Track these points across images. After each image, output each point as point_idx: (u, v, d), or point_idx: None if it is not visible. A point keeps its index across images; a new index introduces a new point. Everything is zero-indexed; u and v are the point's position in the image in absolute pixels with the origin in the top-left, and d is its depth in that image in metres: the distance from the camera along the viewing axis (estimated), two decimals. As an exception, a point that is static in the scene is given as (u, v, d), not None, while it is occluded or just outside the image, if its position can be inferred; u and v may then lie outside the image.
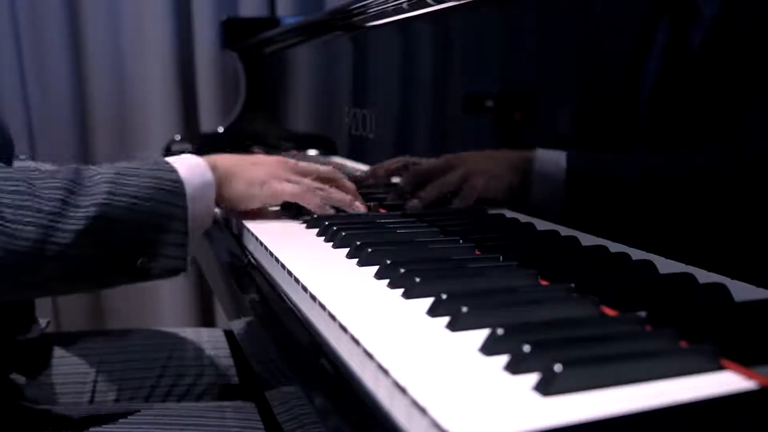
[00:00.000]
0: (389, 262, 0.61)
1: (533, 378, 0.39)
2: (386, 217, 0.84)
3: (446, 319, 0.49)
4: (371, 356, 0.44)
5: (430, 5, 0.90)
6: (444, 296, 0.51)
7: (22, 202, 0.64)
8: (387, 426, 0.40)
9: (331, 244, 0.74)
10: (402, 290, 0.56)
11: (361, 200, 0.89)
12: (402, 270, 0.58)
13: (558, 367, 0.38)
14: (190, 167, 0.75)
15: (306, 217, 0.85)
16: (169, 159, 0.76)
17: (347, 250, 0.69)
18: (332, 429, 0.46)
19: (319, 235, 0.78)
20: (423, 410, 0.37)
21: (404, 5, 0.94)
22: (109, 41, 1.94)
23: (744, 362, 0.41)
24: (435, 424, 0.36)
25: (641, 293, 0.54)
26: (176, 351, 1.05)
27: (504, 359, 0.42)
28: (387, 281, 0.59)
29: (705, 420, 0.37)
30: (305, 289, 0.59)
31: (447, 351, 0.45)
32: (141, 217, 0.69)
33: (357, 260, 0.66)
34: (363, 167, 1.18)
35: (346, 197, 0.87)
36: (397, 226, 0.79)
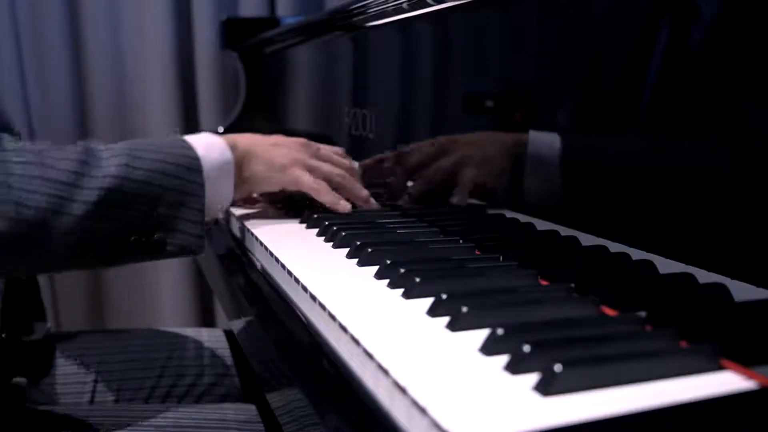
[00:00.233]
0: (389, 262, 0.61)
1: (533, 378, 0.39)
2: (386, 217, 0.84)
3: (446, 319, 0.49)
4: (371, 356, 0.44)
5: (430, 5, 0.90)
6: (444, 296, 0.51)
7: (32, 172, 0.63)
8: (387, 426, 0.41)
9: (331, 244, 0.74)
10: (402, 290, 0.56)
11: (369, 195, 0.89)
12: (402, 270, 0.59)
13: (558, 367, 0.38)
14: (208, 145, 0.74)
15: (306, 216, 0.85)
16: (187, 137, 0.75)
17: (347, 250, 0.69)
18: (332, 429, 0.46)
19: (319, 235, 0.78)
20: (423, 410, 0.37)
21: (404, 5, 0.94)
22: (109, 41, 1.94)
23: (744, 362, 0.41)
24: (435, 424, 0.36)
25: (641, 293, 0.54)
26: (176, 351, 1.05)
27: (504, 359, 0.42)
28: (387, 281, 0.59)
29: (705, 420, 0.37)
30: (305, 289, 0.59)
31: (447, 351, 0.45)
32: (156, 191, 0.68)
33: (357, 260, 0.66)
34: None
35: (363, 193, 0.87)
36: (397, 226, 0.79)
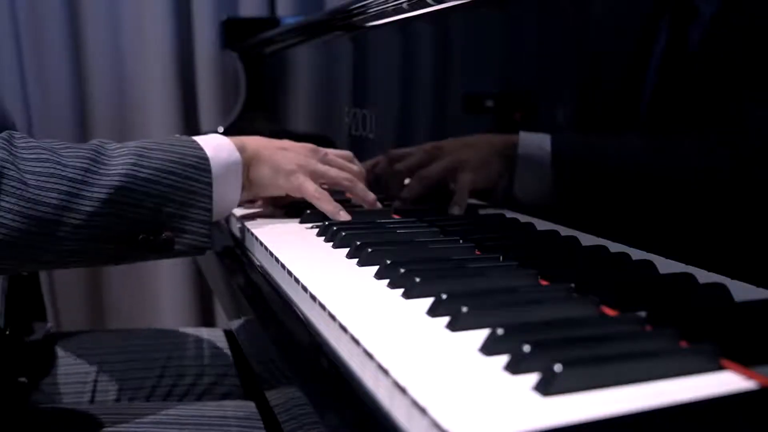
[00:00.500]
0: (389, 262, 0.61)
1: (533, 378, 0.39)
2: (386, 217, 0.84)
3: (446, 319, 0.49)
4: (371, 356, 0.44)
5: (430, 5, 0.90)
6: (444, 296, 0.51)
7: (46, 169, 0.64)
8: (387, 426, 0.41)
9: (331, 244, 0.74)
10: (402, 290, 0.56)
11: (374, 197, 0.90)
12: (402, 270, 0.59)
13: (558, 367, 0.38)
14: (217, 146, 0.75)
15: (306, 216, 0.85)
16: (196, 138, 0.76)
17: (347, 250, 0.69)
18: (332, 429, 0.46)
19: (319, 235, 0.78)
20: (423, 410, 0.37)
21: (404, 5, 0.94)
22: (109, 41, 1.94)
23: (744, 362, 0.41)
24: (435, 424, 0.36)
25: (641, 293, 0.54)
26: (176, 351, 1.05)
27: (504, 359, 0.42)
28: (387, 281, 0.59)
29: (705, 420, 0.37)
30: (305, 289, 0.59)
31: (447, 351, 0.45)
32: (164, 190, 0.69)
33: (357, 260, 0.66)
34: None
35: (370, 197, 0.88)
36: (397, 226, 0.79)
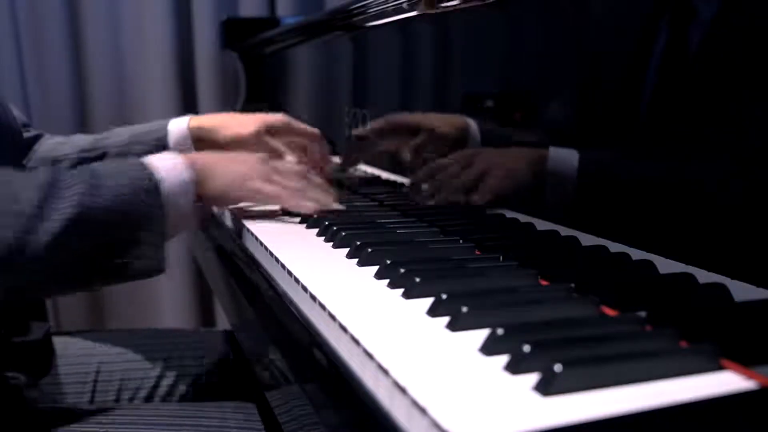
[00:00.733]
0: (389, 262, 0.61)
1: (533, 378, 0.39)
2: (386, 217, 0.84)
3: (446, 319, 0.49)
4: (371, 356, 0.44)
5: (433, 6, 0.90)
6: (444, 296, 0.51)
7: (2, 206, 0.64)
8: (387, 426, 0.40)
9: (331, 244, 0.74)
10: (402, 290, 0.56)
11: (337, 199, 0.89)
12: (402, 270, 0.59)
13: (558, 367, 0.38)
14: (169, 167, 0.74)
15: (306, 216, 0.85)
16: (147, 158, 0.75)
17: (347, 250, 0.69)
18: (332, 429, 0.46)
19: (319, 235, 0.78)
20: (423, 410, 0.37)
21: (404, 5, 0.94)
22: (109, 41, 1.95)
23: (744, 362, 0.41)
24: (435, 424, 0.36)
25: (641, 293, 0.54)
26: (176, 351, 1.05)
27: (504, 359, 0.42)
28: (387, 281, 0.59)
29: (705, 420, 0.37)
30: (305, 289, 0.59)
31: (447, 351, 0.45)
32: (117, 217, 0.69)
33: (357, 260, 0.66)
34: (363, 167, 1.18)
35: (328, 199, 0.87)
36: (397, 226, 0.79)
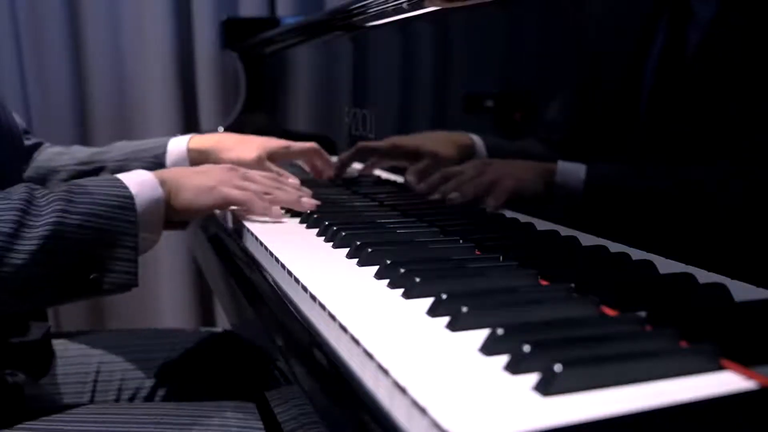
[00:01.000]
0: (389, 262, 0.61)
1: (533, 378, 0.39)
2: (386, 217, 0.84)
3: (446, 319, 0.49)
4: (371, 356, 0.44)
5: (432, 5, 0.90)
6: (444, 296, 0.51)
7: None
8: (387, 426, 0.41)
9: (331, 244, 0.74)
10: (402, 290, 0.56)
11: (308, 196, 0.90)
12: (402, 270, 0.59)
13: (558, 367, 0.38)
14: (141, 183, 0.76)
15: (306, 216, 0.85)
16: (119, 175, 0.77)
17: (347, 250, 0.69)
18: (332, 429, 0.46)
19: (319, 235, 0.78)
20: (423, 410, 0.37)
21: (404, 5, 0.94)
22: (109, 41, 1.95)
23: (744, 362, 0.41)
24: (435, 424, 0.36)
25: (641, 293, 0.54)
26: (176, 351, 1.05)
27: (504, 359, 0.42)
28: (387, 281, 0.59)
29: (705, 420, 0.37)
30: (305, 289, 0.59)
31: (447, 351, 0.45)
32: (93, 234, 0.70)
33: (357, 260, 0.66)
34: (360, 162, 1.18)
35: (291, 197, 0.89)
36: (397, 226, 0.79)
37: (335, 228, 0.76)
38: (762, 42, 0.51)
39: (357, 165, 1.19)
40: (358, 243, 0.68)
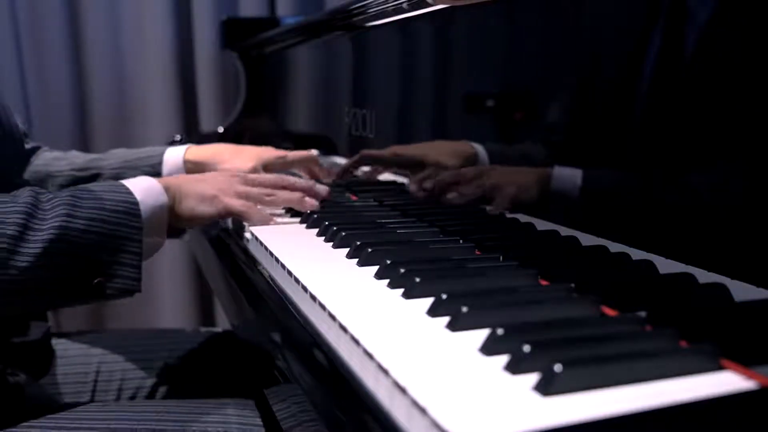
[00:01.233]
0: (389, 262, 0.61)
1: (533, 378, 0.39)
2: (386, 217, 0.84)
3: (446, 319, 0.49)
4: (371, 356, 0.44)
5: (430, 5, 0.90)
6: (444, 296, 0.51)
7: None
8: (387, 426, 0.41)
9: (331, 244, 0.74)
10: (402, 290, 0.56)
11: (313, 194, 0.90)
12: (402, 270, 0.59)
13: (558, 367, 0.38)
14: (146, 189, 0.76)
15: (306, 216, 0.85)
16: (125, 181, 0.77)
17: (347, 250, 0.69)
18: (332, 428, 0.46)
19: (319, 235, 0.78)
20: (423, 410, 0.37)
21: (404, 5, 0.94)
22: (109, 41, 1.95)
23: (744, 362, 0.41)
24: (435, 424, 0.36)
25: (641, 293, 0.54)
26: (176, 351, 1.05)
27: (504, 359, 0.42)
28: (387, 281, 0.59)
29: (705, 420, 0.37)
30: (305, 289, 0.59)
31: (447, 351, 0.45)
32: (98, 239, 0.70)
33: (357, 260, 0.66)
34: (363, 167, 1.18)
35: (294, 196, 0.88)
36: (397, 226, 0.79)
37: (335, 228, 0.76)
38: (759, 43, 0.51)
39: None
40: (358, 243, 0.68)
